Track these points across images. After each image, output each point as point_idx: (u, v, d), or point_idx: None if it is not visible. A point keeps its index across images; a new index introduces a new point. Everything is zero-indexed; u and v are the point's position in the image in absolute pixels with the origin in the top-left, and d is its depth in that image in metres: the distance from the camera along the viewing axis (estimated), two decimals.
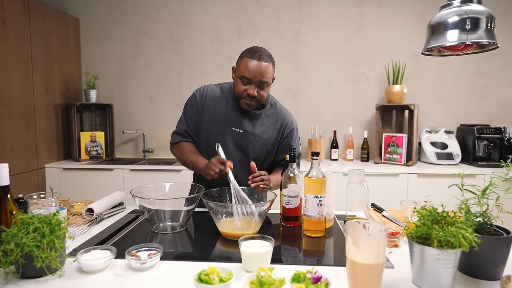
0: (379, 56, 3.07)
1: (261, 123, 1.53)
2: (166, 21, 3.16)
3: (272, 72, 1.43)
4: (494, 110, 3.07)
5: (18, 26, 2.47)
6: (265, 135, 1.53)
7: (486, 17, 1.03)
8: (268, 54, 1.42)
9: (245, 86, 1.41)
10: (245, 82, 1.41)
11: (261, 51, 1.41)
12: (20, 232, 0.83)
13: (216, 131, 1.50)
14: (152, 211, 1.22)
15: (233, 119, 1.51)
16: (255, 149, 1.52)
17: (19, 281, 0.84)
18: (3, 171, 0.92)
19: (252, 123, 1.52)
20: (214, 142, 1.41)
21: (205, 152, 1.50)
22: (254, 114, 1.52)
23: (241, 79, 1.41)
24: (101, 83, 3.21)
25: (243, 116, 1.51)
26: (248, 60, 1.38)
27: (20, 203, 1.13)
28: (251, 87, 1.40)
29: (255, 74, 1.37)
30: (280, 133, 1.56)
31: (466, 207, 0.88)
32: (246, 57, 1.40)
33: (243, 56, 1.42)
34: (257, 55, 1.38)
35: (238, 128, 1.50)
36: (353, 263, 0.76)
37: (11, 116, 2.41)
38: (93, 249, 0.96)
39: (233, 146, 1.51)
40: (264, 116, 1.54)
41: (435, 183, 2.58)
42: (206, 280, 0.76)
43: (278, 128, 1.55)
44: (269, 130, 1.54)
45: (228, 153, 1.46)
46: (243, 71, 1.39)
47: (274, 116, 1.56)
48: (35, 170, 2.66)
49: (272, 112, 1.56)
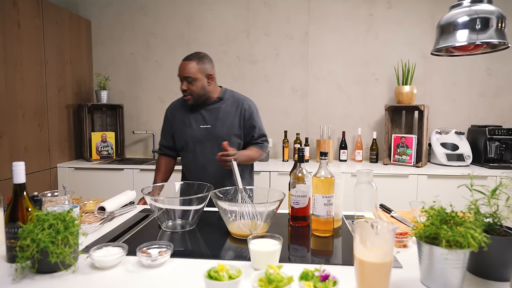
0: (389, 56, 3.05)
1: (223, 114, 1.75)
2: (176, 22, 3.20)
3: (196, 68, 1.66)
4: (506, 111, 3.02)
5: (32, 29, 2.52)
6: (229, 121, 1.74)
7: (497, 17, 1.03)
8: (196, 54, 1.70)
9: (180, 83, 1.70)
10: (180, 81, 1.70)
11: (192, 53, 1.70)
12: (36, 228, 0.86)
13: (188, 133, 1.75)
14: (162, 210, 1.24)
15: (199, 119, 1.76)
16: (225, 137, 1.71)
17: (35, 276, 0.87)
18: (20, 169, 0.95)
19: (215, 116, 1.75)
20: (190, 143, 1.75)
21: (185, 152, 1.80)
22: (214, 109, 1.76)
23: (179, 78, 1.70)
24: (112, 84, 3.26)
25: (206, 114, 1.75)
26: (180, 64, 1.69)
27: (35, 200, 1.15)
28: (181, 83, 1.69)
29: (180, 72, 1.68)
30: (241, 117, 1.77)
31: (475, 208, 0.87)
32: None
33: None
34: (185, 57, 1.69)
35: (205, 125, 1.74)
36: (361, 262, 0.77)
37: (25, 117, 2.47)
38: (105, 246, 0.98)
39: (207, 140, 1.73)
40: (224, 107, 1.76)
41: (445, 184, 2.55)
42: (215, 277, 0.77)
43: (239, 114, 1.76)
44: (231, 117, 1.75)
45: (205, 147, 1.73)
46: (178, 72, 1.69)
47: (234, 105, 1.78)
48: (48, 170, 2.71)
49: (231, 101, 1.78)
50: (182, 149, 1.81)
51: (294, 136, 3.10)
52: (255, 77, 3.18)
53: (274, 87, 3.17)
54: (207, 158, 1.72)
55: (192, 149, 1.75)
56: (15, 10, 2.36)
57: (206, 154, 1.72)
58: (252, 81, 3.18)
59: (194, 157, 1.76)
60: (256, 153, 1.78)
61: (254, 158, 1.79)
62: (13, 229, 0.93)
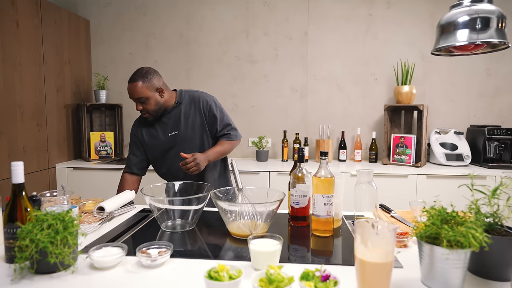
0: (388, 56, 3.05)
1: (185, 116, 1.76)
2: (175, 22, 3.19)
3: (144, 87, 1.65)
4: (505, 111, 3.03)
5: (31, 29, 2.52)
6: (191, 122, 1.75)
7: (497, 17, 1.03)
8: (139, 72, 1.67)
9: (136, 105, 1.70)
10: (134, 102, 1.69)
11: (135, 73, 1.67)
12: (35, 228, 0.85)
13: (158, 144, 1.77)
14: (162, 210, 1.24)
15: (165, 128, 1.77)
16: (195, 137, 1.75)
17: (34, 276, 0.86)
18: (18, 169, 0.94)
19: (178, 121, 1.76)
20: (162, 152, 1.77)
21: (160, 162, 1.81)
22: (175, 114, 1.77)
23: None
24: (111, 84, 3.25)
25: (169, 121, 1.76)
26: (128, 86, 1.68)
27: (34, 200, 1.15)
28: (136, 105, 1.69)
29: (130, 95, 1.67)
30: (202, 114, 1.76)
31: (476, 207, 0.87)
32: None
33: None
34: (130, 79, 1.67)
35: (173, 132, 1.75)
36: (362, 262, 0.77)
37: (24, 116, 2.46)
38: (104, 246, 0.98)
39: (179, 146, 1.74)
40: (183, 110, 1.77)
41: (444, 184, 2.56)
42: (216, 277, 0.77)
43: (198, 112, 1.77)
44: (192, 117, 1.76)
45: (177, 153, 1.69)
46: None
47: (191, 105, 1.78)
48: (46, 170, 2.71)
49: (188, 102, 1.79)
50: (156, 160, 1.81)
51: (294, 136, 3.10)
52: (255, 77, 3.18)
53: (274, 87, 3.17)
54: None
55: (166, 157, 1.77)
56: (14, 10, 2.35)
57: (180, 159, 1.65)
58: (251, 81, 3.18)
59: (170, 164, 1.77)
60: (226, 145, 1.76)
61: (225, 151, 1.76)
62: (11, 229, 0.92)
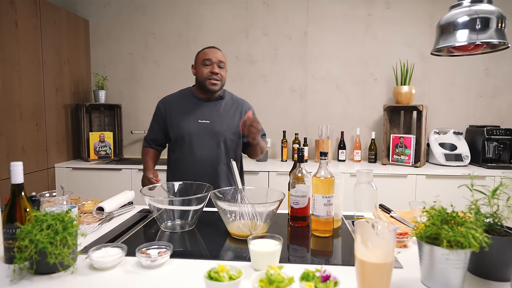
0: (387, 56, 3.05)
1: (224, 111, 1.77)
2: (175, 22, 3.19)
3: (225, 58, 1.75)
4: (504, 111, 3.03)
5: (30, 28, 2.51)
6: (229, 119, 1.76)
7: (497, 17, 1.03)
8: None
9: (208, 67, 1.70)
10: (207, 64, 1.70)
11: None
12: (34, 229, 0.85)
13: (184, 126, 1.73)
14: (161, 210, 1.23)
15: (197, 113, 1.75)
16: (224, 133, 1.74)
17: (33, 277, 0.86)
18: (18, 170, 0.94)
19: (215, 112, 1.75)
20: (186, 137, 1.72)
21: (179, 146, 1.75)
22: (215, 105, 1.77)
23: (203, 63, 1.70)
24: (110, 84, 3.25)
25: (206, 109, 1.76)
26: (206, 50, 1.74)
27: (33, 201, 1.14)
28: (213, 66, 1.69)
29: (214, 55, 1.70)
30: (241, 117, 1.77)
31: (476, 208, 0.87)
32: (202, 51, 1.75)
33: (199, 52, 1.76)
34: (210, 47, 1.75)
35: (204, 120, 1.73)
36: (362, 262, 0.77)
37: (22, 116, 2.45)
38: (104, 247, 0.98)
39: (203, 135, 1.72)
40: (224, 105, 1.79)
41: (443, 184, 2.56)
42: (216, 277, 0.76)
43: (239, 114, 1.79)
44: (231, 115, 1.78)
45: (202, 142, 1.71)
46: (204, 57, 1.71)
47: (234, 105, 1.81)
48: (45, 170, 2.70)
49: (231, 102, 1.82)
50: (175, 142, 1.77)
51: (293, 136, 3.10)
52: (254, 77, 3.17)
53: (273, 87, 3.17)
54: (203, 152, 1.71)
55: (189, 142, 1.72)
56: (13, 9, 2.34)
57: (202, 148, 1.71)
58: (250, 81, 3.18)
59: (190, 150, 1.72)
60: (263, 146, 1.80)
61: (261, 150, 1.80)
62: (11, 230, 0.92)
